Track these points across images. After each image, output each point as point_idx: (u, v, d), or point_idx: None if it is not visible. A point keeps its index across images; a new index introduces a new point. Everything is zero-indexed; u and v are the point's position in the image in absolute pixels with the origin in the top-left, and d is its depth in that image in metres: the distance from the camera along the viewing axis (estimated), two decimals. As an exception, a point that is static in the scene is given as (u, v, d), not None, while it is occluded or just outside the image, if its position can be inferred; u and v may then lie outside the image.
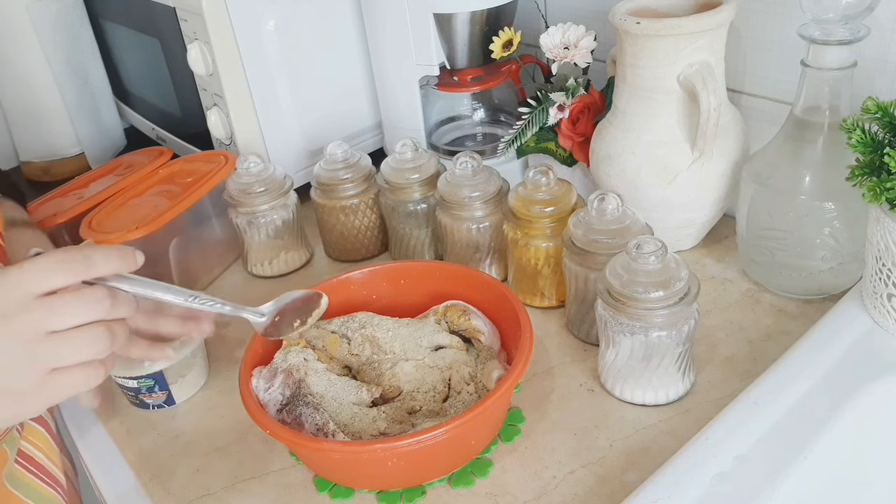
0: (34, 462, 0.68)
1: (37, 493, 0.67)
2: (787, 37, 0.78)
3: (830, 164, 0.68)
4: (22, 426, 0.69)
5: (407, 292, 0.76)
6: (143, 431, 0.73)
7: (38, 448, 0.70)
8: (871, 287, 0.67)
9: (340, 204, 0.90)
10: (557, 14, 0.99)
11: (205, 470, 0.68)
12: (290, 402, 0.65)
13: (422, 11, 0.91)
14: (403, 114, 1.01)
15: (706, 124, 0.72)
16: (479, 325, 0.71)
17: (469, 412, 0.58)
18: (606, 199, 0.70)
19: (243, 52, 0.93)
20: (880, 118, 0.61)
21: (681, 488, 0.54)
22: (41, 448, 0.70)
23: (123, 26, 1.11)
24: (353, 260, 0.95)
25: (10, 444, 0.66)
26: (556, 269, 0.77)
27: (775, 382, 0.62)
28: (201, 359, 0.76)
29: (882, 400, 0.61)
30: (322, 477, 0.65)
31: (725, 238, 0.87)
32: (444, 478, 0.63)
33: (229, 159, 0.93)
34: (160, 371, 0.72)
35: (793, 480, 0.55)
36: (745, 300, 0.78)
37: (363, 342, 0.71)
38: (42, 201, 0.95)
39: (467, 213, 0.81)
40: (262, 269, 0.94)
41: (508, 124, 0.99)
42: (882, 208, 0.62)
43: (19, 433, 0.68)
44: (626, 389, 0.67)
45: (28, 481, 0.67)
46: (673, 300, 0.61)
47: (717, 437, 0.58)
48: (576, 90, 0.89)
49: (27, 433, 0.69)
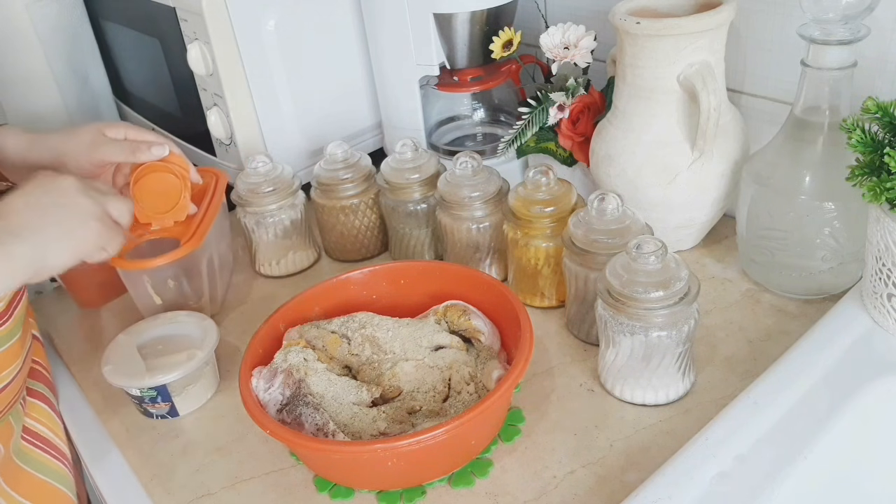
0: (40, 437, 0.69)
1: (45, 468, 0.68)
2: (787, 37, 0.78)
3: (830, 164, 0.68)
4: (24, 403, 0.69)
5: (407, 292, 0.76)
6: (144, 431, 0.73)
7: (43, 423, 0.70)
8: (871, 287, 0.67)
9: (340, 204, 0.90)
10: (557, 14, 0.99)
11: (205, 470, 0.68)
12: (290, 402, 0.65)
13: (422, 11, 0.91)
14: (403, 114, 1.01)
15: (706, 124, 0.72)
16: (479, 325, 0.71)
17: (469, 412, 0.58)
18: (606, 199, 0.70)
19: (243, 52, 0.93)
20: (880, 118, 0.61)
21: (681, 488, 0.54)
22: (45, 423, 0.71)
23: (123, 26, 1.11)
24: (353, 260, 0.95)
25: (14, 418, 0.66)
26: (556, 269, 0.77)
27: (775, 382, 0.62)
28: (210, 371, 0.76)
29: (882, 400, 0.61)
30: (322, 477, 0.65)
31: (725, 238, 0.87)
32: (444, 478, 0.63)
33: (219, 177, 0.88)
34: (164, 384, 0.72)
35: (793, 480, 0.55)
36: (745, 300, 0.78)
37: (363, 342, 0.71)
38: None
39: (467, 213, 0.81)
40: (269, 268, 0.94)
41: (508, 124, 0.99)
42: (882, 208, 0.62)
43: (22, 408, 0.68)
44: (626, 389, 0.67)
45: (36, 456, 0.68)
46: (673, 300, 0.61)
47: (717, 437, 0.58)
48: (576, 90, 0.89)
49: (30, 409, 0.70)
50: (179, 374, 0.71)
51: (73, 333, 0.89)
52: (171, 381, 0.72)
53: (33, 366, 0.74)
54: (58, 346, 0.88)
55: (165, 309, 0.83)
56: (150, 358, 0.75)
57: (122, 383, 0.72)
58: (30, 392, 0.72)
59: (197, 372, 0.73)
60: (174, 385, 0.72)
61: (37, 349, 0.76)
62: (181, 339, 0.76)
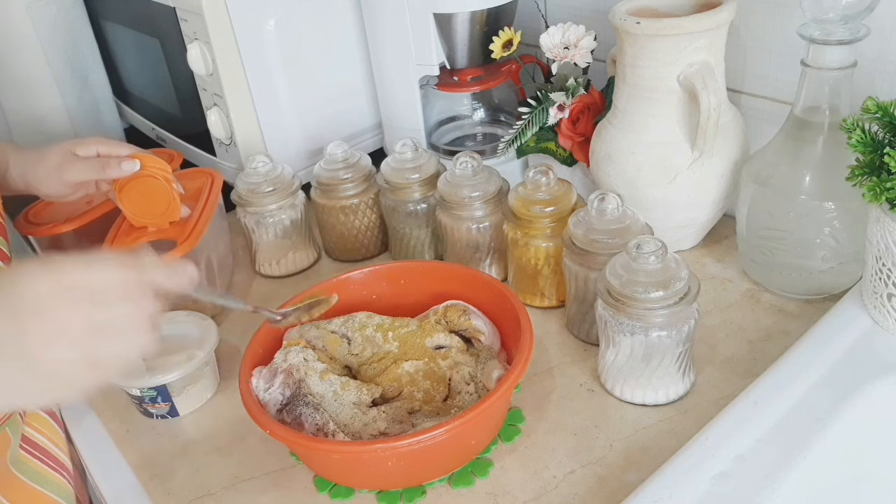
0: (39, 447, 0.69)
1: (43, 479, 0.67)
2: (787, 37, 0.78)
3: (830, 164, 0.68)
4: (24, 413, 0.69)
5: (407, 292, 0.76)
6: (144, 431, 0.74)
7: (42, 433, 0.70)
8: (871, 287, 0.67)
9: (340, 204, 0.90)
10: (557, 14, 0.99)
11: (205, 470, 0.68)
12: (290, 402, 0.65)
13: (422, 11, 0.91)
14: (403, 114, 1.01)
15: (706, 124, 0.72)
16: (479, 325, 0.71)
17: (469, 412, 0.58)
18: (606, 199, 0.70)
19: (243, 52, 0.93)
20: (880, 118, 0.61)
21: (681, 488, 0.54)
22: (45, 433, 0.70)
23: (123, 26, 1.11)
24: (353, 260, 0.95)
25: (12, 428, 0.66)
26: (556, 269, 0.77)
27: (775, 382, 0.62)
28: (210, 371, 0.76)
29: (882, 400, 0.61)
30: (322, 477, 0.65)
31: (725, 238, 0.87)
32: (444, 478, 0.63)
33: (214, 177, 0.90)
34: (164, 384, 0.72)
35: (793, 480, 0.55)
36: (745, 300, 0.78)
37: (363, 342, 0.71)
38: (47, 203, 0.93)
39: (467, 213, 0.81)
40: (269, 268, 0.94)
41: (508, 124, 0.99)
42: (882, 208, 0.62)
43: (22, 418, 0.68)
44: (626, 389, 0.67)
45: (33, 466, 0.67)
46: (673, 300, 0.61)
47: (717, 437, 0.58)
48: (576, 90, 0.89)
49: (30, 419, 0.69)
50: (179, 374, 0.71)
51: (73, 333, 0.89)
52: (171, 381, 0.72)
53: None
54: (58, 346, 0.88)
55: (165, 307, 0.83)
56: (150, 358, 0.75)
57: (122, 383, 0.72)
58: None
59: (197, 372, 0.73)
60: (174, 385, 0.72)
61: None
62: (181, 339, 0.76)
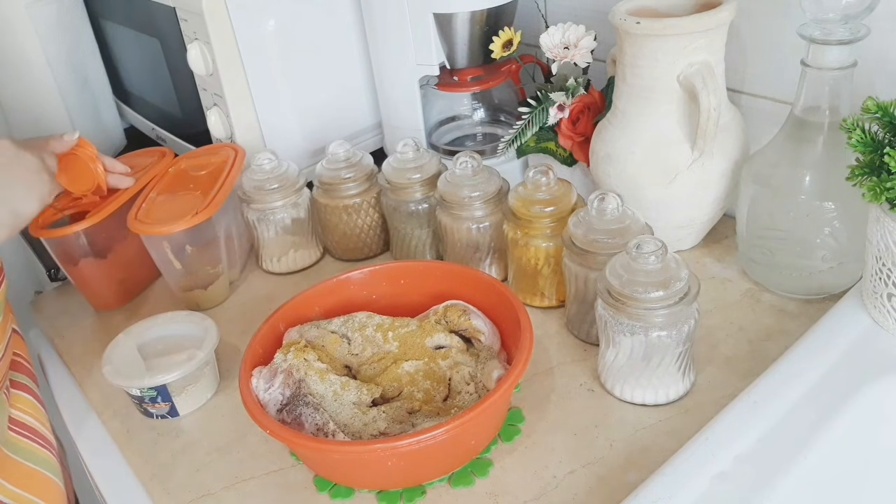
0: (26, 426, 0.70)
1: (34, 456, 0.69)
2: (787, 37, 0.78)
3: (830, 164, 0.68)
4: (9, 394, 0.70)
5: (407, 292, 0.76)
6: (144, 431, 0.74)
7: (28, 413, 0.72)
8: (871, 287, 0.67)
9: (343, 203, 0.90)
10: (557, 14, 0.99)
11: (205, 470, 0.68)
12: (290, 402, 0.65)
13: (422, 11, 0.91)
14: (403, 114, 1.01)
15: (706, 124, 0.72)
16: (479, 325, 0.71)
17: (469, 412, 0.58)
18: (606, 199, 0.70)
19: (243, 52, 0.93)
20: (880, 118, 0.61)
21: (681, 488, 0.54)
22: (31, 413, 0.72)
23: (123, 26, 1.11)
24: (356, 259, 0.95)
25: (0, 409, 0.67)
26: (556, 269, 0.77)
27: (775, 382, 0.62)
28: (210, 371, 0.76)
29: (882, 400, 0.61)
30: (322, 477, 0.65)
31: (725, 238, 0.87)
32: (444, 478, 0.63)
33: (238, 151, 0.93)
34: (164, 384, 0.72)
35: (793, 480, 0.55)
36: (745, 300, 0.78)
37: (363, 342, 0.71)
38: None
39: (467, 213, 0.81)
40: (272, 265, 0.94)
41: (508, 124, 0.99)
42: (882, 208, 0.62)
43: (7, 399, 0.69)
44: (626, 389, 0.67)
45: (24, 445, 0.69)
46: (673, 300, 0.61)
47: (717, 437, 0.58)
48: (576, 90, 0.89)
49: (14, 400, 0.71)
50: (179, 374, 0.71)
51: (73, 333, 0.89)
52: (171, 381, 0.72)
53: (15, 358, 0.74)
54: (57, 345, 0.88)
55: (186, 273, 0.86)
56: (150, 358, 0.75)
57: (122, 383, 0.72)
58: (13, 384, 0.72)
59: (197, 372, 0.73)
60: (174, 385, 0.72)
61: (17, 342, 0.76)
62: (181, 339, 0.76)
